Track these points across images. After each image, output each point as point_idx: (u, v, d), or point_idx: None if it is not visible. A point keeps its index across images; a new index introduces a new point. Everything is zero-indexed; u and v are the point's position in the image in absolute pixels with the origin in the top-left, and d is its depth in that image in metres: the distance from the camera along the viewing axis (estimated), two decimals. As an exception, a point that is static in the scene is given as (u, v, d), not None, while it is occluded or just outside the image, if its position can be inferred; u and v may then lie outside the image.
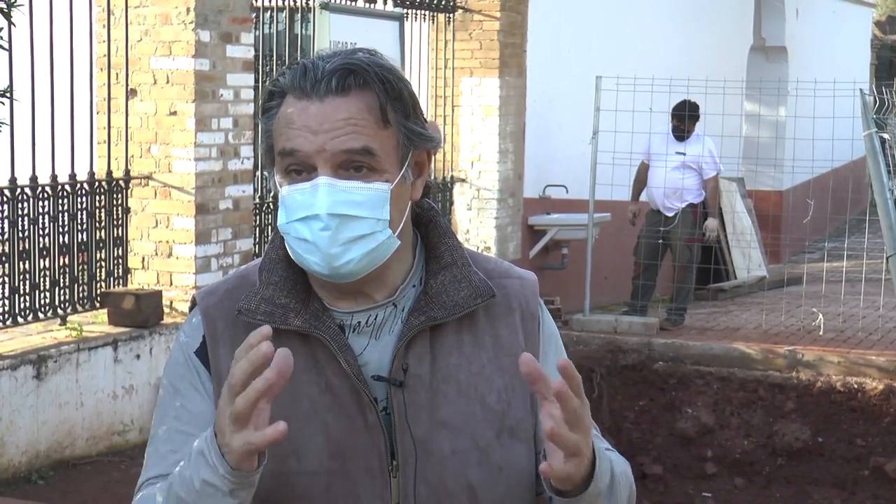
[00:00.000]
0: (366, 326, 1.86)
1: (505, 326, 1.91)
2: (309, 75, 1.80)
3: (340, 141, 1.77)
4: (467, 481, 1.83)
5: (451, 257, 1.90)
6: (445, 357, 1.86)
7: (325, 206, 1.77)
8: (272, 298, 1.84)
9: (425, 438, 1.82)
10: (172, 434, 1.85)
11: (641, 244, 10.24)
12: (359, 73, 1.79)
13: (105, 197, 7.13)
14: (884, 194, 8.57)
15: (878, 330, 9.87)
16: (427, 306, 1.85)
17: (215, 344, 1.87)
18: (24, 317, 6.63)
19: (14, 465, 6.13)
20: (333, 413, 1.82)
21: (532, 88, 10.64)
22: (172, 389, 1.89)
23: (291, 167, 1.80)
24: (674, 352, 9.41)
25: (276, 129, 1.82)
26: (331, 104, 1.78)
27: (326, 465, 1.81)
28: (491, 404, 1.86)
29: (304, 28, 8.72)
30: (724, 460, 8.94)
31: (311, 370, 1.83)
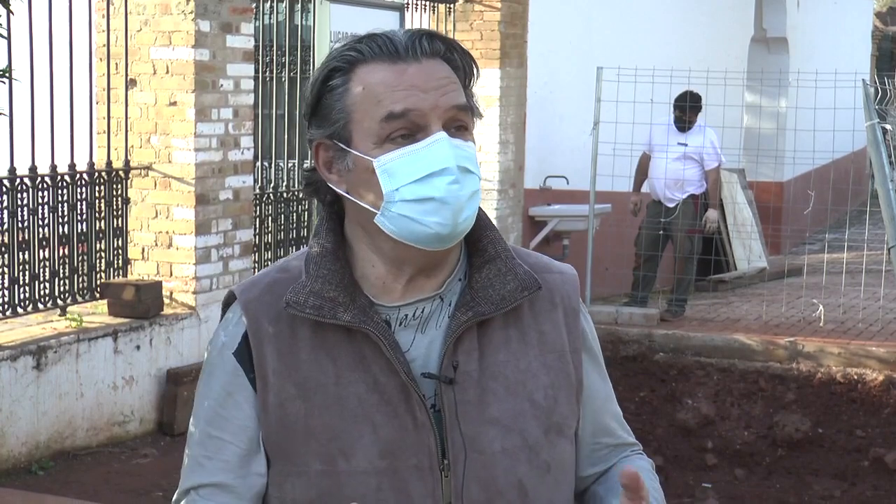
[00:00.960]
0: (412, 320, 1.83)
1: (548, 322, 1.89)
2: (395, 41, 1.78)
3: (449, 97, 1.77)
4: (517, 479, 1.82)
5: (495, 250, 1.87)
6: (494, 353, 1.84)
7: (454, 159, 1.74)
8: (321, 292, 1.79)
9: (475, 436, 1.80)
10: (205, 439, 1.83)
11: (642, 235, 10.23)
12: (439, 38, 1.80)
13: (105, 187, 7.12)
14: (885, 185, 8.55)
15: (878, 321, 9.87)
16: (474, 301, 1.82)
17: (259, 341, 1.82)
18: (23, 307, 6.62)
19: (14, 456, 6.13)
20: (382, 411, 1.79)
21: (533, 79, 10.62)
22: (208, 391, 1.85)
23: (398, 132, 1.75)
24: (674, 343, 9.41)
25: (364, 101, 1.77)
26: (429, 64, 1.77)
27: (376, 464, 1.78)
28: (539, 401, 1.85)
29: (305, 18, 8.71)
30: (724, 451, 8.94)
31: (357, 367, 1.80)
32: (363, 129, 1.77)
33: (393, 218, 1.76)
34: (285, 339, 1.81)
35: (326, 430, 1.79)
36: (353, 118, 1.78)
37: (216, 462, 1.82)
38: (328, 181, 1.83)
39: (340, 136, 1.79)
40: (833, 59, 13.66)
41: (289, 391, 1.80)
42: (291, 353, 1.81)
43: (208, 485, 1.81)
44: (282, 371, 1.80)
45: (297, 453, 1.80)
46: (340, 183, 1.82)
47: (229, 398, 1.83)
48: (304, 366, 1.80)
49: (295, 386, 1.80)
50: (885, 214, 8.65)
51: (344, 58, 1.80)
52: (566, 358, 1.89)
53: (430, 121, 1.75)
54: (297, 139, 8.70)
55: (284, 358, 1.81)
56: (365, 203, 1.78)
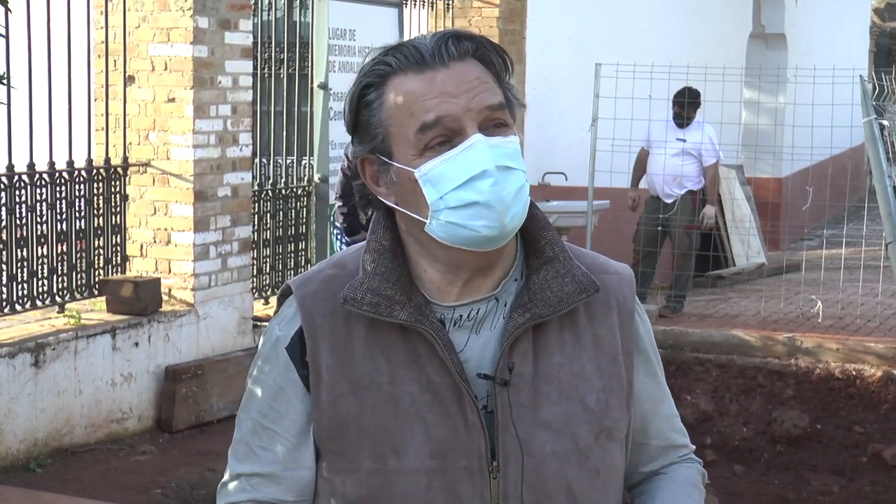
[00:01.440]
0: (467, 321, 1.83)
1: (603, 325, 1.88)
2: (421, 49, 1.78)
3: (481, 98, 1.76)
4: (567, 482, 1.82)
5: (553, 251, 1.86)
6: (548, 356, 1.84)
7: (492, 160, 1.74)
8: (378, 289, 1.79)
9: (527, 439, 1.80)
10: (259, 429, 1.86)
11: (641, 231, 10.23)
12: (466, 39, 1.80)
13: (103, 184, 7.12)
14: (883, 181, 8.55)
15: (876, 317, 9.87)
16: (531, 302, 1.82)
17: (314, 337, 1.83)
18: (21, 304, 6.62)
19: (12, 453, 6.13)
20: (434, 411, 1.79)
21: (531, 75, 10.62)
22: (261, 382, 1.87)
23: (434, 140, 1.75)
24: (673, 339, 9.41)
25: (399, 113, 1.77)
26: (457, 68, 1.77)
27: (427, 464, 1.78)
28: (591, 405, 1.84)
29: (303, 15, 8.71)
30: (723, 447, 8.94)
31: (411, 366, 1.80)
32: (402, 142, 1.78)
33: (441, 225, 1.76)
34: (340, 335, 1.82)
35: (379, 428, 1.79)
36: (391, 132, 1.78)
37: (269, 453, 1.85)
38: (378, 194, 1.84)
39: (381, 150, 1.80)
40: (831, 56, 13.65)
41: (342, 388, 1.81)
42: (346, 349, 1.82)
43: (259, 474, 1.85)
44: (336, 368, 1.81)
45: (349, 450, 1.81)
46: (389, 195, 1.82)
47: (281, 393, 1.85)
48: (358, 363, 1.81)
49: (349, 383, 1.81)
50: (882, 210, 8.65)
51: (375, 72, 1.80)
52: (619, 361, 1.89)
53: (465, 124, 1.75)
54: (295, 136, 8.70)
55: (339, 354, 1.82)
56: (414, 213, 1.79)
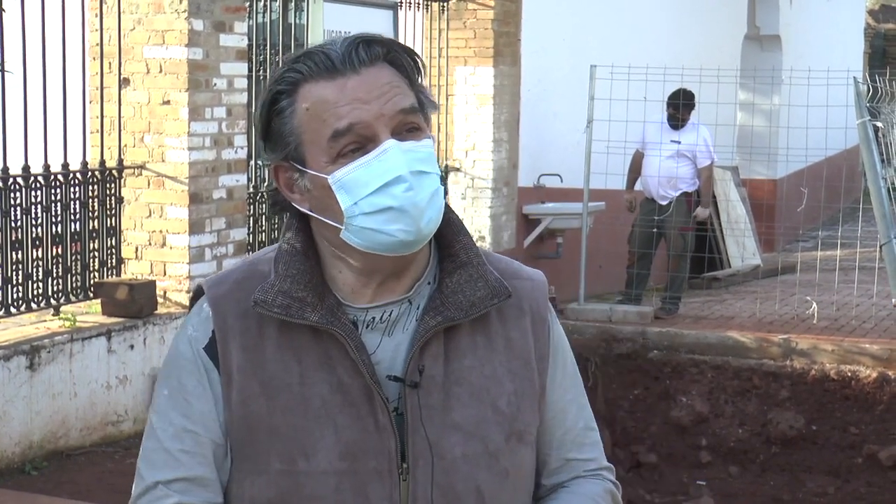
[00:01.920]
0: (379, 323, 1.83)
1: (516, 329, 1.89)
2: (331, 56, 1.77)
3: (393, 103, 1.76)
4: (476, 485, 1.82)
5: (467, 255, 1.86)
6: (459, 359, 1.84)
7: (405, 165, 1.74)
8: (289, 291, 1.79)
9: (437, 441, 1.80)
10: (181, 433, 1.82)
11: (636, 233, 10.24)
12: (376, 43, 1.79)
13: (98, 186, 7.12)
14: (877, 182, 8.57)
15: (871, 318, 9.88)
16: (443, 306, 1.82)
17: (225, 338, 1.82)
18: (17, 307, 6.61)
19: (7, 456, 6.12)
20: (345, 413, 1.79)
21: (526, 77, 10.62)
22: (178, 385, 1.84)
23: (348, 147, 1.75)
24: (668, 340, 9.42)
25: (311, 121, 1.77)
26: (368, 74, 1.77)
27: (336, 466, 1.78)
28: (501, 408, 1.84)
29: (298, 17, 8.70)
30: (718, 449, 8.95)
31: (322, 368, 1.80)
32: (315, 149, 1.78)
33: (357, 231, 1.77)
34: (252, 336, 1.81)
35: (289, 429, 1.79)
36: (304, 139, 1.78)
37: (196, 456, 1.81)
38: (291, 201, 1.84)
39: (295, 157, 1.80)
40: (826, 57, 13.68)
41: (253, 389, 1.80)
42: (257, 351, 1.81)
43: (185, 479, 1.80)
44: (247, 369, 1.81)
45: (259, 452, 1.80)
46: (303, 202, 1.82)
47: (203, 393, 1.82)
48: (269, 364, 1.80)
49: (259, 384, 1.80)
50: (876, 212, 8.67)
51: (286, 79, 1.79)
52: (531, 365, 1.89)
53: (377, 130, 1.75)
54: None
55: (250, 355, 1.81)
56: (329, 220, 1.79)
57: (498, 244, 10.29)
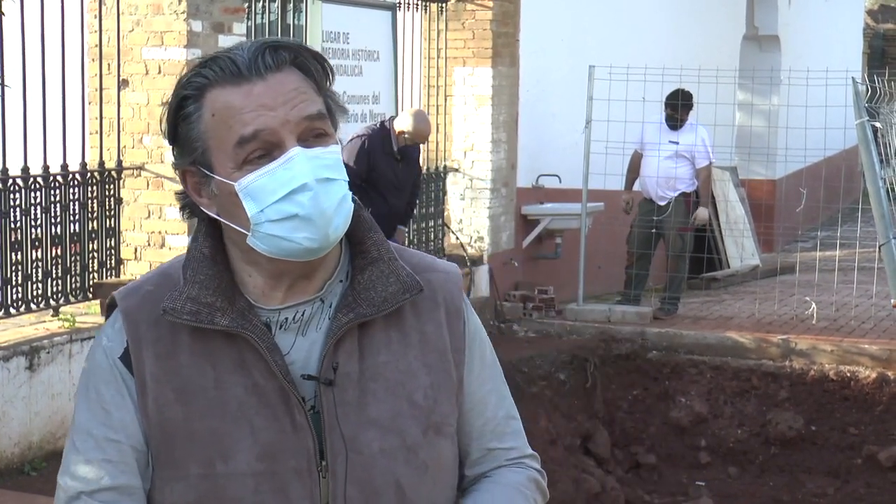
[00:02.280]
0: (292, 323, 1.84)
1: (431, 322, 1.89)
2: (237, 61, 1.77)
3: (299, 109, 1.76)
4: (395, 479, 1.83)
5: (378, 252, 1.87)
6: (374, 355, 1.85)
7: (310, 174, 1.74)
8: (198, 297, 1.80)
9: (354, 437, 1.81)
10: (103, 443, 1.82)
11: (634, 233, 10.24)
12: (284, 48, 1.79)
13: (97, 187, 7.12)
14: (876, 183, 8.57)
15: (870, 318, 9.89)
16: (355, 302, 1.83)
17: (138, 347, 1.82)
18: (16, 308, 6.61)
19: (7, 457, 6.12)
20: (261, 414, 1.80)
21: (525, 78, 10.62)
22: (97, 395, 1.84)
23: (253, 153, 1.75)
24: (667, 341, 9.42)
25: (217, 127, 1.77)
26: (274, 80, 1.76)
27: (254, 467, 1.79)
28: (418, 402, 1.85)
29: (297, 18, 8.70)
30: (717, 449, 8.96)
31: (237, 371, 1.81)
32: (221, 155, 1.77)
33: (263, 238, 1.77)
34: (165, 344, 1.82)
35: (206, 433, 1.80)
36: (210, 145, 1.78)
37: (119, 465, 1.81)
38: (200, 205, 1.84)
39: (202, 162, 1.80)
40: (824, 57, 13.68)
41: (168, 396, 1.81)
42: (171, 358, 1.82)
43: (111, 488, 1.81)
44: (161, 376, 1.81)
45: (177, 457, 1.81)
46: (211, 206, 1.82)
47: (122, 401, 1.83)
48: (183, 370, 1.81)
49: (174, 391, 1.81)
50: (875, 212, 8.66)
51: (192, 84, 1.79)
52: (447, 357, 1.89)
53: (283, 137, 1.75)
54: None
55: (163, 363, 1.82)
56: (236, 225, 1.79)
57: (497, 245, 10.29)
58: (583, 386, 9.18)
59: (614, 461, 9.06)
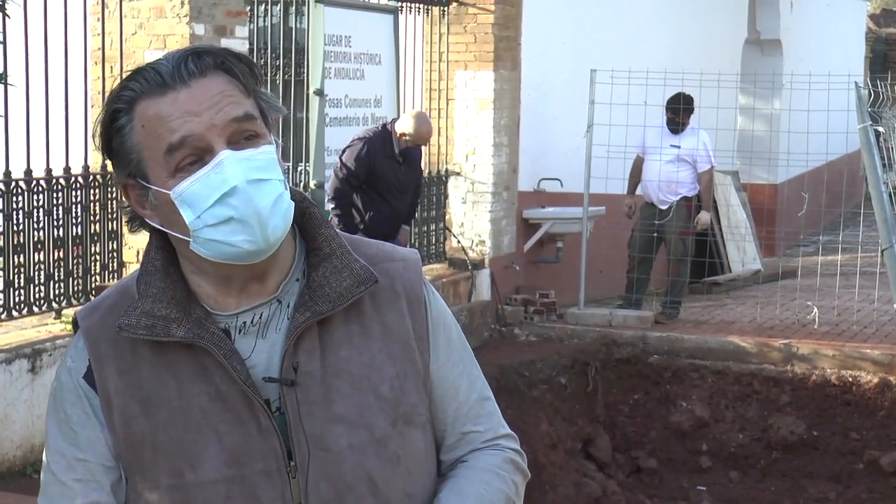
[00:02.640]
0: (251, 326, 1.85)
1: (392, 312, 1.90)
2: (161, 71, 1.78)
3: (225, 112, 1.77)
4: (367, 473, 1.83)
5: (330, 247, 1.88)
6: (335, 350, 1.85)
7: (241, 176, 1.75)
8: (151, 311, 1.81)
9: (321, 435, 1.82)
10: (73, 462, 1.85)
11: (636, 237, 10.23)
12: (207, 54, 1.80)
13: (100, 190, 7.12)
14: (879, 187, 8.57)
15: (872, 323, 9.88)
16: (311, 300, 1.84)
17: (100, 364, 1.85)
18: (18, 310, 6.61)
19: (9, 459, 6.12)
20: (226, 420, 1.81)
21: (527, 82, 10.63)
22: (64, 416, 1.87)
23: (185, 160, 1.76)
24: (668, 345, 9.42)
25: (147, 137, 1.78)
26: (198, 85, 1.77)
27: (224, 473, 1.81)
28: (384, 394, 1.86)
29: (299, 21, 8.71)
30: (719, 454, 8.95)
31: (199, 379, 1.82)
32: (154, 165, 1.78)
33: (204, 243, 1.78)
34: (126, 359, 1.84)
35: (172, 443, 1.81)
36: (143, 156, 1.79)
37: (90, 483, 1.84)
38: (143, 217, 1.85)
39: (138, 173, 1.81)
40: (826, 62, 13.68)
41: (132, 410, 1.83)
42: (133, 372, 1.83)
43: None
44: (125, 391, 1.83)
45: (147, 470, 1.83)
46: (154, 217, 1.84)
47: (87, 421, 1.85)
48: (145, 383, 1.83)
49: (138, 404, 1.83)
50: (877, 216, 8.67)
51: (122, 98, 1.81)
52: (411, 346, 1.89)
53: (211, 141, 1.76)
54: (291, 142, 8.70)
55: (126, 377, 1.83)
56: (178, 233, 1.80)
57: (498, 248, 10.29)
58: (584, 390, 9.18)
59: (615, 465, 9.06)
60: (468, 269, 9.75)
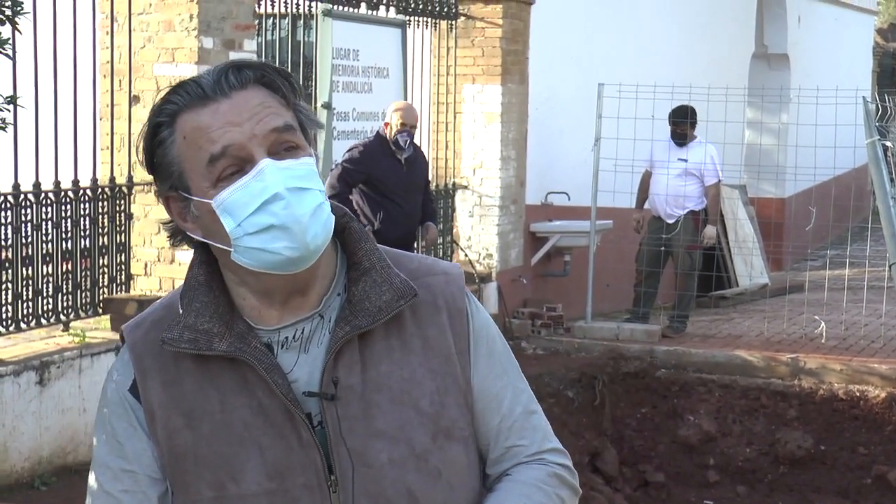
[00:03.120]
0: (293, 341, 1.86)
1: (433, 327, 1.90)
2: (202, 84, 1.81)
3: (265, 122, 1.79)
4: (407, 488, 1.83)
5: (370, 261, 1.88)
6: (376, 365, 1.85)
7: (281, 183, 1.77)
8: (195, 325, 1.83)
9: (362, 450, 1.82)
10: (120, 474, 1.88)
11: (643, 251, 10.23)
12: (247, 67, 1.83)
13: (108, 203, 7.14)
14: (886, 202, 8.57)
15: (880, 338, 9.87)
16: (352, 315, 1.84)
17: (144, 378, 1.87)
18: (27, 323, 6.63)
19: (17, 471, 6.13)
20: (268, 434, 1.82)
21: (534, 95, 10.64)
22: (111, 429, 1.89)
23: (226, 170, 1.78)
24: (676, 359, 9.41)
25: (189, 149, 1.81)
26: (239, 97, 1.80)
27: (265, 486, 1.82)
28: (425, 409, 1.85)
29: (307, 35, 8.73)
30: (726, 468, 8.93)
31: (241, 393, 1.83)
32: (196, 176, 1.81)
33: (245, 252, 1.79)
34: (170, 372, 1.86)
35: (215, 456, 1.83)
36: (185, 167, 1.82)
37: (136, 494, 1.87)
38: (185, 230, 1.87)
39: (180, 185, 1.83)
40: (834, 76, 13.68)
41: (176, 423, 1.85)
42: (176, 385, 1.85)
43: None
44: (168, 404, 1.85)
45: (189, 482, 1.84)
46: (196, 230, 1.86)
47: (134, 432, 1.88)
48: (188, 396, 1.85)
49: (182, 417, 1.85)
50: (885, 231, 8.66)
51: (164, 111, 1.83)
52: (452, 360, 1.89)
53: (252, 151, 1.78)
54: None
55: (170, 391, 1.85)
56: (219, 243, 1.82)
57: (505, 262, 10.29)
58: (591, 404, 9.17)
59: (622, 479, 9.05)
60: (476, 282, 9.75)
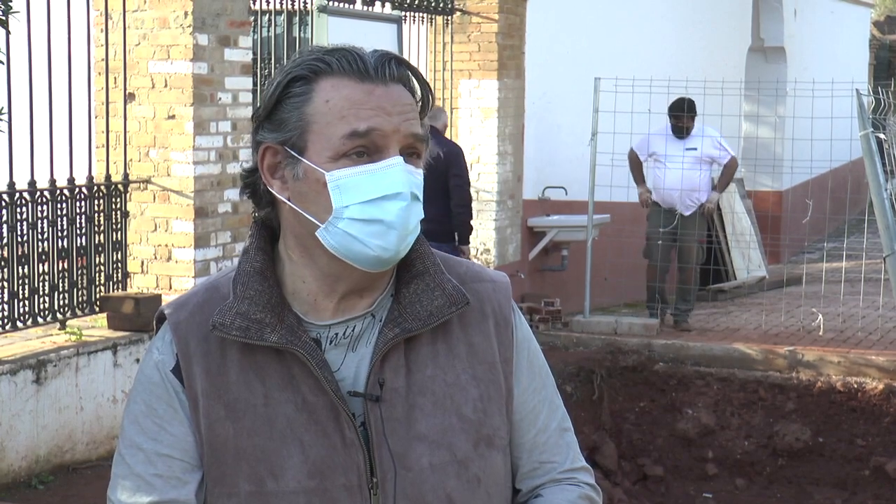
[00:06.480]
0: (343, 339, 1.83)
1: (479, 334, 1.88)
2: (365, 60, 1.78)
3: (410, 124, 1.78)
4: (446, 494, 1.81)
5: (423, 265, 1.86)
6: (421, 369, 1.83)
7: (409, 185, 1.76)
8: (247, 313, 1.79)
9: (403, 453, 1.80)
10: (154, 458, 1.82)
11: (654, 246, 10.06)
12: (405, 64, 1.81)
13: (104, 201, 7.13)
14: (880, 194, 8.56)
15: (877, 330, 9.87)
16: (401, 317, 1.82)
17: (188, 362, 1.82)
18: (23, 321, 6.62)
19: (14, 470, 6.13)
20: (311, 431, 1.79)
21: (531, 90, 10.64)
22: (148, 409, 1.83)
23: (355, 149, 1.75)
24: (674, 353, 9.41)
25: (328, 114, 1.76)
26: (394, 89, 1.78)
27: (305, 484, 1.79)
28: (467, 415, 1.84)
29: (302, 31, 8.73)
30: (724, 461, 8.94)
31: (286, 387, 1.80)
32: (321, 141, 1.76)
33: (336, 234, 1.76)
34: (214, 360, 1.81)
35: (255, 450, 1.79)
36: (312, 129, 1.77)
37: (170, 480, 1.81)
38: (269, 185, 1.82)
39: (294, 144, 1.78)
40: (830, 69, 13.68)
41: (218, 413, 1.80)
42: (220, 374, 1.81)
43: (160, 503, 1.81)
44: (211, 392, 1.81)
45: (228, 474, 1.80)
46: (283, 190, 1.81)
47: (175, 415, 1.82)
48: (233, 387, 1.81)
49: (224, 407, 1.80)
50: (880, 223, 8.66)
51: (309, 67, 1.78)
52: (496, 368, 1.88)
53: (389, 144, 1.76)
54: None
55: (213, 379, 1.81)
56: (309, 214, 1.78)
57: (503, 257, 10.29)
58: (589, 398, 9.17)
59: (621, 473, 9.05)
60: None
